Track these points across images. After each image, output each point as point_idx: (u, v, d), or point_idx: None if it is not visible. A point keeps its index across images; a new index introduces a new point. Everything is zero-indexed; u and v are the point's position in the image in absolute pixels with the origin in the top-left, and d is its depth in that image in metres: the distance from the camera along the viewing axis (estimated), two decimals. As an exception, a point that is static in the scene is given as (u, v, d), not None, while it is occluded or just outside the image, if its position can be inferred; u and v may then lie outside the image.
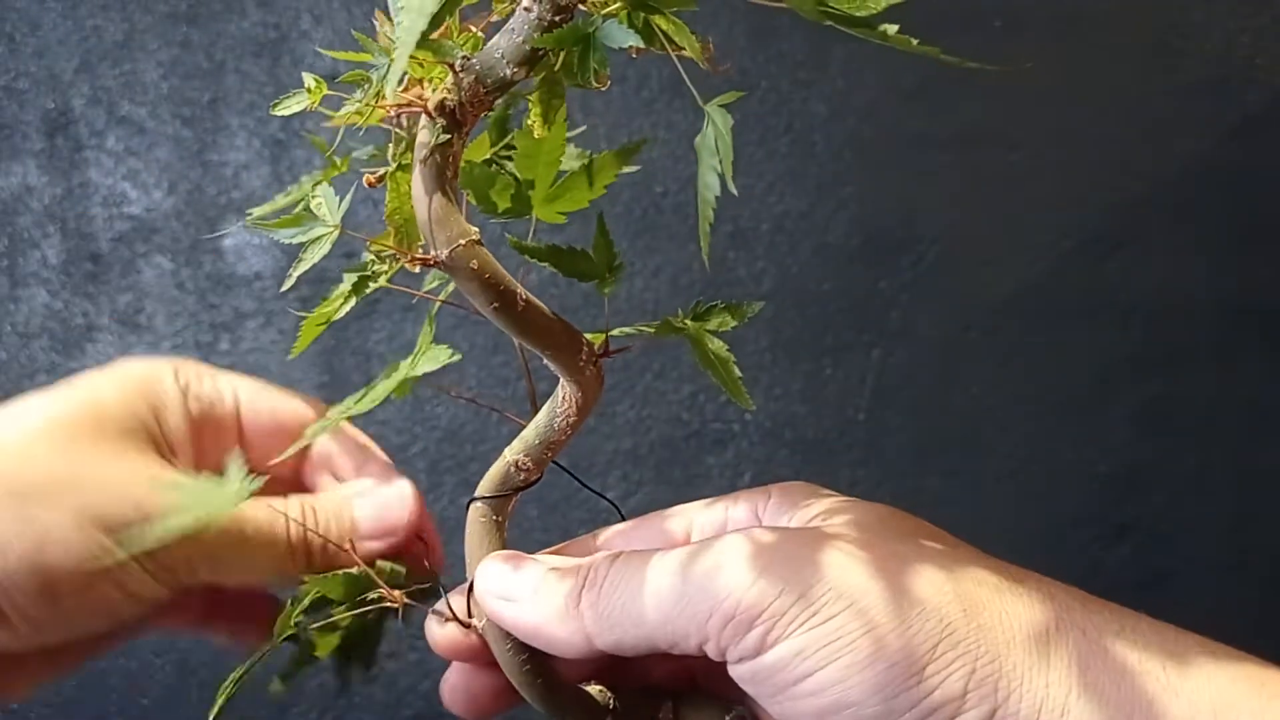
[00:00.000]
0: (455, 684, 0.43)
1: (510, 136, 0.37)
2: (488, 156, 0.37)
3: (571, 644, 0.37)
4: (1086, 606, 0.34)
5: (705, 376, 0.91)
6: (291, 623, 0.42)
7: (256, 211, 0.34)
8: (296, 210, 0.33)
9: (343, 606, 0.43)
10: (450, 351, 0.39)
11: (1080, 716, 0.31)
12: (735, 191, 0.29)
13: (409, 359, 0.39)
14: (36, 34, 0.88)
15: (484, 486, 0.42)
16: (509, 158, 0.37)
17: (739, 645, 0.33)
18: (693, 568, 0.34)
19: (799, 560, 0.33)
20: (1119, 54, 0.92)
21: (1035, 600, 0.33)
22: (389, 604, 0.43)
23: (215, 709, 0.41)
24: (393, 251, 0.34)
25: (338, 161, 0.34)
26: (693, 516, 0.42)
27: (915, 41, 0.28)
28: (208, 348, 0.89)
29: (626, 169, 0.37)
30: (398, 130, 0.33)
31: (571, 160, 0.36)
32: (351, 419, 0.44)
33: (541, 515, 0.45)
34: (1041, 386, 0.92)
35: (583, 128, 0.39)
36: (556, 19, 0.30)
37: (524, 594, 0.38)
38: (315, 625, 0.44)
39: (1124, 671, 0.31)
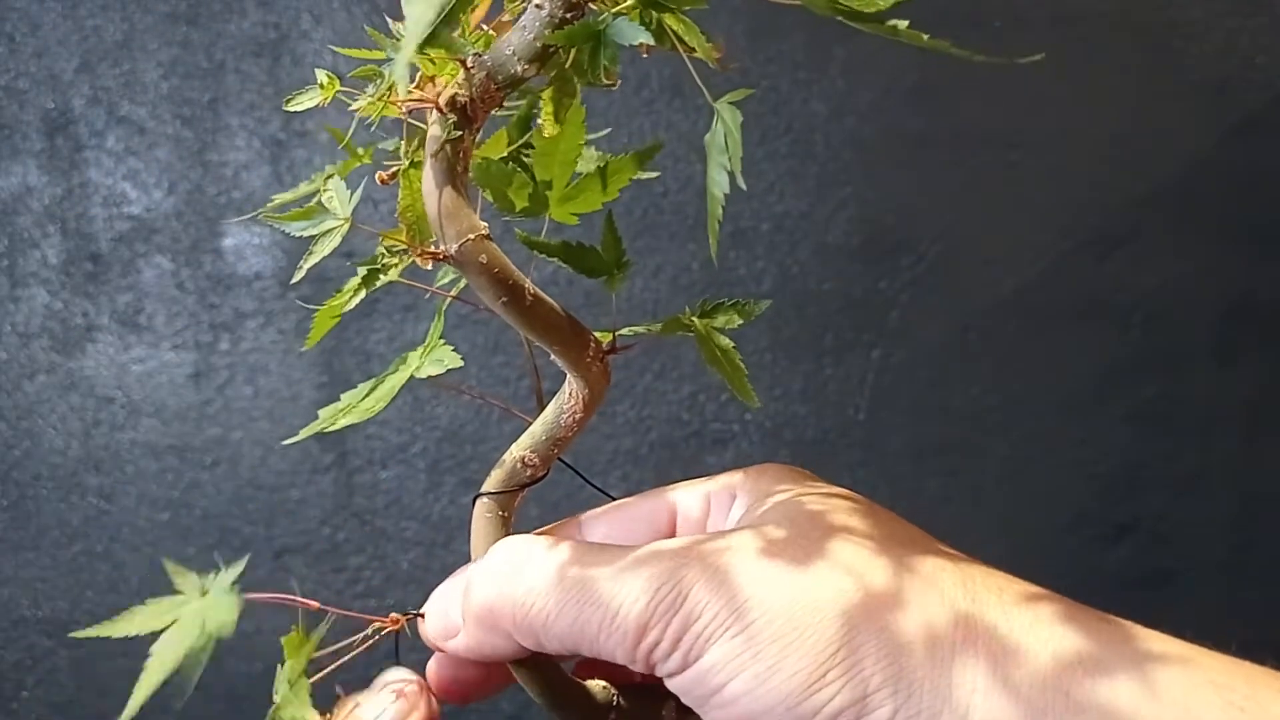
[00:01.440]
0: (440, 670, 0.43)
1: (529, 135, 0.37)
2: (505, 154, 0.37)
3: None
4: (1003, 597, 0.33)
5: (705, 376, 0.92)
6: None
7: (268, 206, 0.34)
8: (307, 205, 0.33)
9: None
10: (457, 355, 0.39)
11: (987, 715, 0.30)
12: (745, 188, 0.29)
13: (415, 355, 0.39)
14: (36, 34, 0.88)
15: (490, 483, 0.42)
16: (529, 157, 0.37)
17: (665, 664, 0.35)
18: (620, 584, 0.35)
19: (717, 574, 0.34)
20: (1119, 54, 0.92)
21: (947, 594, 0.33)
22: (389, 628, 0.42)
23: None
24: (403, 246, 0.34)
25: (360, 152, 0.34)
26: (677, 500, 0.43)
27: (926, 37, 0.28)
28: (208, 348, 0.89)
29: (643, 175, 0.37)
30: (413, 123, 0.33)
31: (588, 163, 0.36)
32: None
33: (543, 515, 0.45)
34: (1041, 387, 0.92)
35: (606, 130, 0.39)
36: (568, 16, 0.30)
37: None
38: None
39: (1037, 668, 0.31)
